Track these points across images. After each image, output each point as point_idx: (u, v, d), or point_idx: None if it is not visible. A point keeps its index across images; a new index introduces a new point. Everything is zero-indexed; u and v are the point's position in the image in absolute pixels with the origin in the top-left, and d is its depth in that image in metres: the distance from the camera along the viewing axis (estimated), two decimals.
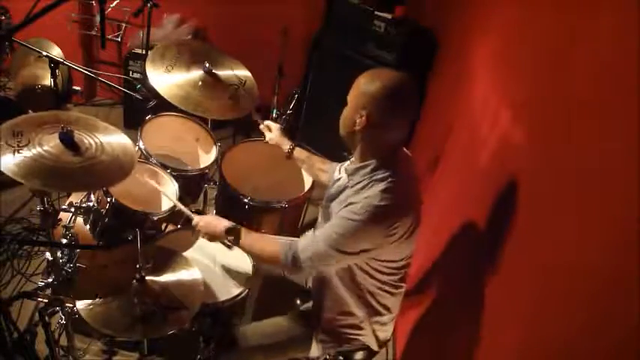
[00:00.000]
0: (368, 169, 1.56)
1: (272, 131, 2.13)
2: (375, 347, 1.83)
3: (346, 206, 1.52)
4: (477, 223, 1.78)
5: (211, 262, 1.93)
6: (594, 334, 1.01)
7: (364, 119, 1.51)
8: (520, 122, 1.62)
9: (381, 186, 1.50)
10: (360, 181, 1.56)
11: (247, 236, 1.72)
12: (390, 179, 1.51)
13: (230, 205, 2.35)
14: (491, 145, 1.80)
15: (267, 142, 2.14)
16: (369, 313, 1.73)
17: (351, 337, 1.79)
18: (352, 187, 1.58)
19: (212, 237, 1.77)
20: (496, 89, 1.91)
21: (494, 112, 1.83)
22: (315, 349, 1.80)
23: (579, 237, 1.14)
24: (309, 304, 1.84)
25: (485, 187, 1.76)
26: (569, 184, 1.23)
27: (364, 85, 1.52)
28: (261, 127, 2.17)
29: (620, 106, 1.08)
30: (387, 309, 1.75)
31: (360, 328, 1.77)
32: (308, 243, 1.58)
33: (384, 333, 1.82)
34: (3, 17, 2.84)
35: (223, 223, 1.74)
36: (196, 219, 1.79)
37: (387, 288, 1.68)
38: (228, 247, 1.79)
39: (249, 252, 1.81)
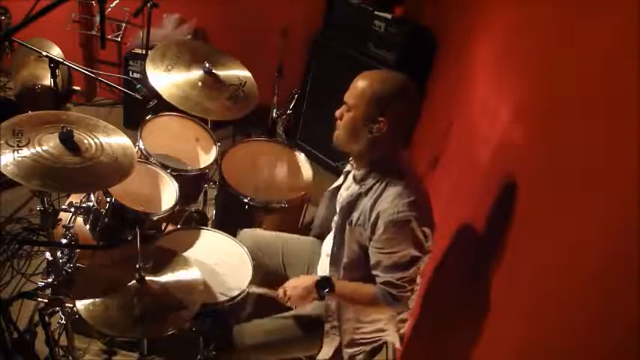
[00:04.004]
0: (378, 172, 1.55)
1: None
2: (398, 344, 1.84)
3: (377, 219, 1.50)
4: (477, 223, 1.78)
5: (211, 262, 1.93)
6: (595, 334, 1.01)
7: (384, 125, 1.48)
8: (520, 122, 1.61)
9: (400, 184, 1.51)
10: (373, 186, 1.55)
11: (338, 282, 1.66)
12: (403, 176, 1.53)
13: (230, 205, 2.35)
14: (491, 145, 1.80)
15: (267, 141, 2.10)
16: (392, 314, 1.73)
17: (374, 340, 1.80)
18: (367, 193, 1.56)
19: (304, 298, 1.65)
20: (496, 88, 1.90)
21: (494, 111, 1.82)
22: (324, 352, 1.79)
23: (580, 237, 1.14)
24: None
25: (485, 186, 1.76)
26: (570, 184, 1.23)
27: (374, 90, 1.47)
28: None
29: (620, 106, 1.08)
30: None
31: (384, 330, 1.78)
32: (388, 276, 1.54)
33: (405, 328, 1.84)
34: (3, 17, 2.84)
35: (311, 279, 1.65)
36: (281, 292, 1.69)
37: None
38: (320, 299, 1.66)
39: (343, 298, 1.69)
